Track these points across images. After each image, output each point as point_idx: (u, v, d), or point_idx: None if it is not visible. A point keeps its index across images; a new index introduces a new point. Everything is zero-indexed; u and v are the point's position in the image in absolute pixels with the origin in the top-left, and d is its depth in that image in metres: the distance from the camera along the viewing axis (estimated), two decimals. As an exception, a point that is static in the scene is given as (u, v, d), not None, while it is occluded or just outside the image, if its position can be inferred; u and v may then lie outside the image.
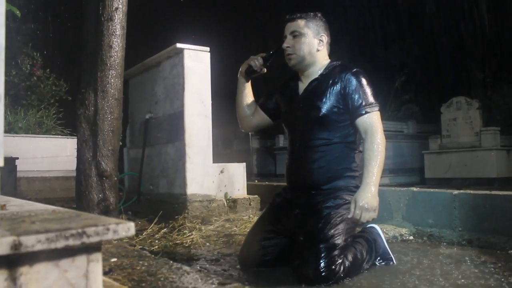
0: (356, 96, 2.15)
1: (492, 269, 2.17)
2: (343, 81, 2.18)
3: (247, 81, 2.47)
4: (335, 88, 2.19)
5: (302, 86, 2.33)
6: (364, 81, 2.18)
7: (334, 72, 2.24)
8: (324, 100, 2.19)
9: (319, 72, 2.28)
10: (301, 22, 2.27)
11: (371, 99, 2.16)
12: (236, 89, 2.50)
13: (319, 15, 2.33)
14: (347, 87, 2.17)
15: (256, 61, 2.35)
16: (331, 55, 2.37)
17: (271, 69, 2.42)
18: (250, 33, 12.28)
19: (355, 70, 2.21)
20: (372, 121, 2.15)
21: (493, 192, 2.92)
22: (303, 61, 2.27)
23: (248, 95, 2.49)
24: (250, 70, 2.38)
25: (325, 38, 2.32)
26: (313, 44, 2.27)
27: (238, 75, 2.46)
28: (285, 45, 2.28)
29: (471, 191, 3.06)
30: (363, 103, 2.15)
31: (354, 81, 2.17)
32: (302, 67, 2.30)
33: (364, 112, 2.14)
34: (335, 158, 2.19)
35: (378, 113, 2.19)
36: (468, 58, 10.80)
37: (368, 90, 2.18)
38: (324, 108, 2.19)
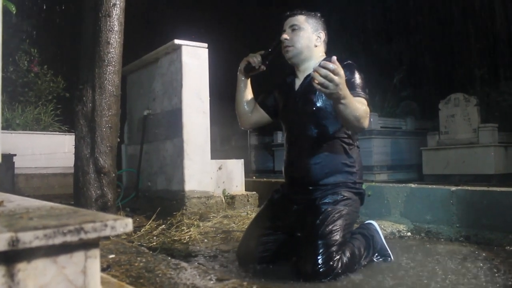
0: (350, 83, 2.09)
1: (490, 265, 2.18)
2: None
3: (246, 79, 2.47)
4: None
5: (298, 81, 2.34)
6: (356, 73, 2.16)
7: None
8: (319, 93, 2.18)
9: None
10: (301, 18, 2.30)
11: (360, 89, 2.12)
12: (236, 86, 2.50)
13: (318, 14, 2.37)
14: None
15: (255, 58, 2.35)
16: (329, 51, 2.38)
17: (270, 67, 2.42)
18: (248, 29, 12.25)
19: (347, 62, 2.19)
20: (360, 100, 2.07)
21: (491, 189, 2.93)
22: (300, 54, 2.28)
23: (247, 92, 2.49)
24: (249, 68, 2.38)
25: (323, 36, 2.34)
26: (311, 39, 2.29)
27: (238, 73, 2.46)
28: (283, 36, 2.29)
29: (469, 188, 3.06)
30: (357, 90, 2.10)
31: (349, 71, 2.14)
32: (299, 61, 2.31)
33: (358, 95, 2.07)
34: (332, 153, 2.20)
35: (367, 102, 2.13)
36: (466, 54, 10.80)
37: (358, 82, 2.14)
38: (319, 102, 2.20)
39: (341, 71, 1.78)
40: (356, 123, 2.01)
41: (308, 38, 2.29)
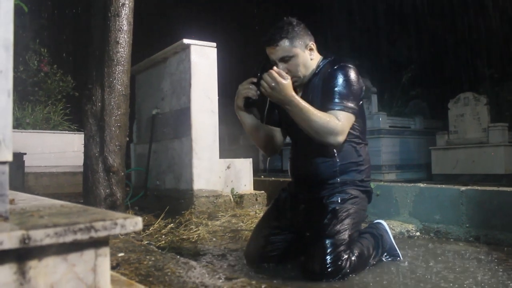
0: (332, 92, 2.04)
1: (500, 265, 2.16)
2: (328, 75, 2.11)
3: (249, 113, 2.28)
4: (324, 82, 2.12)
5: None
6: (348, 77, 2.06)
7: (325, 67, 2.18)
8: (317, 95, 2.13)
9: (314, 71, 2.23)
10: (285, 45, 2.14)
11: (342, 100, 2.02)
12: (243, 125, 2.31)
13: (294, 23, 2.18)
14: (328, 80, 2.08)
15: (252, 91, 2.16)
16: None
17: None
18: (256, 28, 12.25)
19: (340, 64, 2.11)
20: (340, 117, 1.99)
21: (501, 189, 2.90)
22: (304, 77, 2.21)
23: (258, 125, 2.33)
24: (249, 102, 2.22)
25: (313, 46, 2.22)
26: (306, 59, 2.19)
27: (236, 110, 2.25)
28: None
29: (479, 188, 3.04)
30: (337, 100, 2.02)
31: (335, 76, 2.07)
32: (305, 80, 2.23)
33: (334, 108, 2.01)
34: (340, 152, 2.16)
35: (351, 116, 2.04)
36: (476, 53, 10.71)
37: (347, 89, 2.04)
38: (319, 103, 2.08)
39: (277, 78, 1.97)
40: (316, 136, 1.97)
41: (303, 61, 2.18)
